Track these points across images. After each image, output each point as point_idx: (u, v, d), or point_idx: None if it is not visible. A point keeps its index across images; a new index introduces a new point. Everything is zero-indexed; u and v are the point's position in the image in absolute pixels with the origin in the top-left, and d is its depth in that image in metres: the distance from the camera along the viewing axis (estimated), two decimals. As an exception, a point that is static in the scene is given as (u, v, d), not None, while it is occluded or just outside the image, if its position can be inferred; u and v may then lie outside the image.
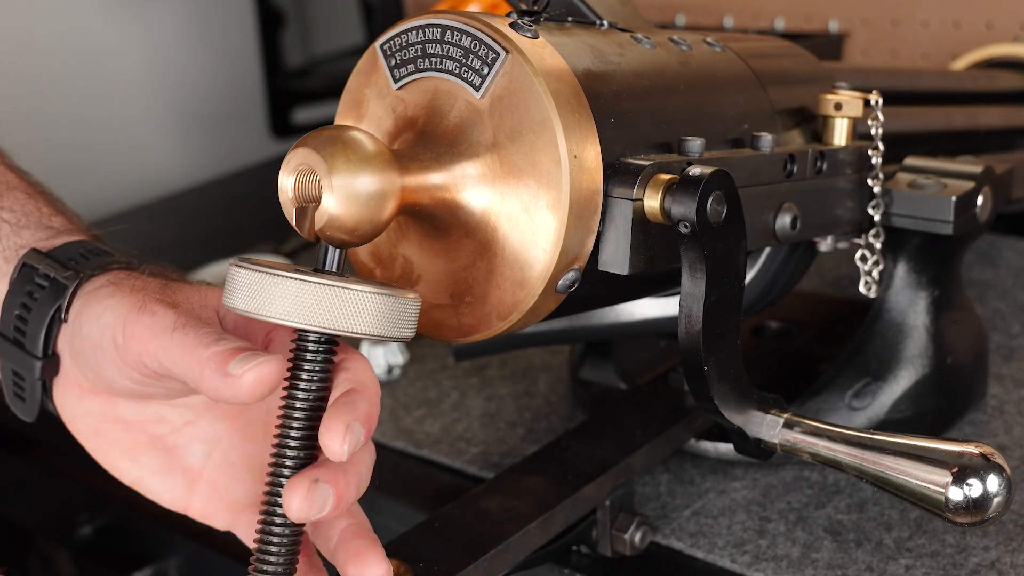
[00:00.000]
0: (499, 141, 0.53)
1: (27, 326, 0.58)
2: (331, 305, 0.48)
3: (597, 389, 0.81)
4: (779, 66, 0.70)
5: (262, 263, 0.50)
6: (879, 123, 0.68)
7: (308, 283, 0.48)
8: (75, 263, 0.59)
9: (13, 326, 0.59)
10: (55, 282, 0.58)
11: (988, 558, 0.65)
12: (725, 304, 0.55)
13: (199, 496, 0.59)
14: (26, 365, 0.59)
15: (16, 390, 0.60)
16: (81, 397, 0.59)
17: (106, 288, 0.56)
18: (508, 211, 0.53)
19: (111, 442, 0.59)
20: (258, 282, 0.49)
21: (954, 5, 1.19)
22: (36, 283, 0.58)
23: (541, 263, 0.52)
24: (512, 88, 0.52)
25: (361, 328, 0.49)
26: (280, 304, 0.48)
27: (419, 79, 0.55)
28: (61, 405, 0.60)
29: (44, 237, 0.61)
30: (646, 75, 0.58)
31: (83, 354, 0.56)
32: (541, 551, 0.63)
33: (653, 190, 0.54)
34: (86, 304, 0.56)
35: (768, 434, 0.58)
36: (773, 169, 0.62)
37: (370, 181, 0.49)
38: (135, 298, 0.54)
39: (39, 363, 0.58)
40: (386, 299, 0.49)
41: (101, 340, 0.54)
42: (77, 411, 0.59)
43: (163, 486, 0.59)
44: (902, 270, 0.73)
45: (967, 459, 0.53)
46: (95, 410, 0.59)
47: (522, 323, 0.55)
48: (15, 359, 0.59)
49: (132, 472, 0.59)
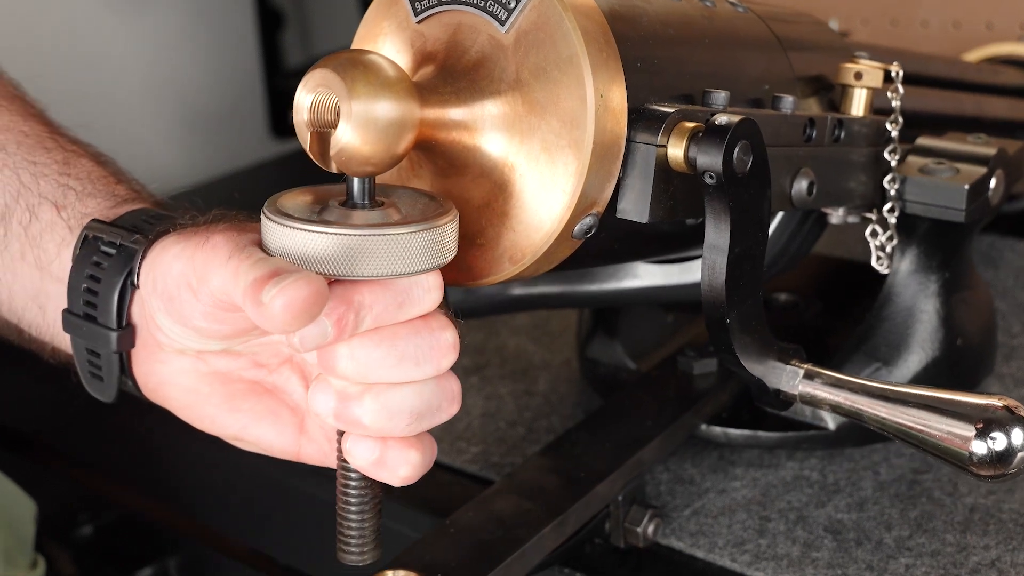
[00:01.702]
0: (522, 78, 0.51)
1: (98, 298, 0.55)
2: (363, 254, 0.46)
3: (604, 368, 0.80)
4: (800, 32, 0.69)
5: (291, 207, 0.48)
6: (899, 95, 0.67)
7: (339, 235, 0.46)
8: (140, 229, 0.56)
9: (83, 300, 0.56)
10: (123, 248, 0.55)
11: (988, 557, 0.65)
12: (748, 256, 0.54)
13: (308, 437, 0.57)
14: (101, 339, 0.56)
15: (92, 370, 0.58)
16: (167, 361, 0.56)
17: (172, 238, 0.53)
18: (528, 150, 0.51)
19: (207, 397, 0.56)
20: (283, 234, 0.47)
21: (954, 5, 1.19)
22: (102, 252, 0.56)
23: (560, 205, 0.50)
24: (539, 23, 0.50)
25: (401, 268, 0.47)
26: (315, 259, 0.46)
27: (441, 12, 0.53)
28: (147, 374, 0.57)
29: (109, 205, 0.59)
30: (672, 24, 0.57)
31: (165, 311, 0.53)
32: (554, 552, 0.62)
33: (678, 137, 0.52)
34: (156, 262, 0.53)
35: (788, 385, 0.57)
36: (793, 132, 0.61)
37: (390, 108, 0.47)
38: (199, 236, 0.51)
39: (115, 335, 0.55)
40: (421, 234, 0.47)
41: (178, 291, 0.51)
42: (167, 375, 0.56)
43: (271, 431, 0.57)
44: (912, 254, 0.72)
45: (992, 412, 0.52)
46: (187, 368, 0.56)
47: (534, 268, 0.53)
48: (89, 335, 0.56)
49: (235, 423, 0.56)
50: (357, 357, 0.49)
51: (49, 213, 0.59)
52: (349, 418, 0.50)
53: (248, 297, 0.46)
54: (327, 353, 0.49)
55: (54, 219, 0.59)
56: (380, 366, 0.49)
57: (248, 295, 0.46)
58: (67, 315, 0.57)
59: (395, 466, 0.51)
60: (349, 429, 0.51)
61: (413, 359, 0.49)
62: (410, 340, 0.49)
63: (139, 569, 0.90)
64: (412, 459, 0.51)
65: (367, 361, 0.49)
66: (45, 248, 0.59)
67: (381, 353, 0.49)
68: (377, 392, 0.49)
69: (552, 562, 0.63)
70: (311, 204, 0.49)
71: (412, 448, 0.51)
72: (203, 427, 0.57)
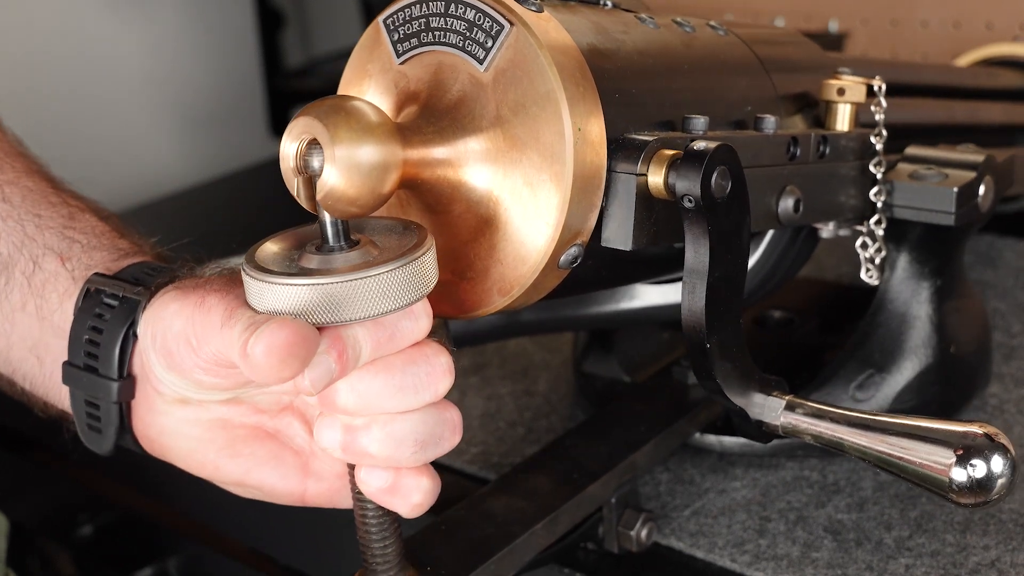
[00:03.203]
0: (502, 114, 0.52)
1: (99, 349, 0.56)
2: (346, 299, 0.47)
3: (600, 382, 0.81)
4: (782, 52, 0.70)
5: (269, 259, 0.50)
6: (882, 109, 0.68)
7: (320, 285, 0.47)
8: (141, 281, 0.57)
9: (84, 351, 0.57)
10: (125, 299, 0.56)
11: (988, 557, 0.65)
12: (728, 281, 0.55)
13: (316, 477, 0.58)
14: (102, 389, 0.57)
15: (91, 422, 0.58)
16: (167, 411, 0.57)
17: (171, 294, 0.54)
18: (511, 185, 0.52)
19: (208, 443, 0.57)
20: (264, 290, 0.48)
21: (954, 5, 1.19)
22: (105, 304, 0.57)
23: (544, 237, 0.52)
24: (516, 61, 0.52)
25: (387, 307, 0.48)
26: (300, 311, 0.47)
27: (422, 53, 0.55)
28: (147, 425, 0.58)
29: (113, 258, 0.60)
30: (650, 54, 0.58)
31: (166, 365, 0.54)
32: (547, 551, 0.62)
33: (657, 165, 0.53)
34: (157, 316, 0.54)
35: (770, 416, 0.58)
36: (776, 151, 0.62)
37: (372, 151, 0.49)
38: (196, 295, 0.52)
39: (116, 385, 0.56)
40: (401, 270, 0.48)
41: (178, 347, 0.52)
42: (167, 424, 0.57)
43: (275, 474, 0.57)
44: (904, 260, 0.73)
45: (971, 439, 0.53)
46: (188, 416, 0.57)
47: (523, 299, 0.55)
48: (89, 386, 0.57)
49: (237, 468, 0.57)
50: (357, 390, 0.50)
51: (53, 264, 0.60)
52: (357, 449, 0.51)
53: (239, 355, 0.47)
54: (328, 390, 0.50)
55: (58, 270, 0.60)
56: (380, 396, 0.50)
57: (239, 353, 0.47)
58: (67, 367, 0.58)
59: (408, 493, 0.52)
60: (358, 461, 0.52)
61: (412, 387, 0.51)
62: (406, 368, 0.51)
63: (139, 569, 0.90)
64: (424, 486, 0.52)
65: (367, 392, 0.50)
66: (47, 298, 0.60)
67: (380, 383, 0.50)
68: (382, 422, 0.51)
69: (545, 561, 0.64)
70: (288, 252, 0.51)
71: (423, 475, 0.52)
72: (205, 474, 0.58)
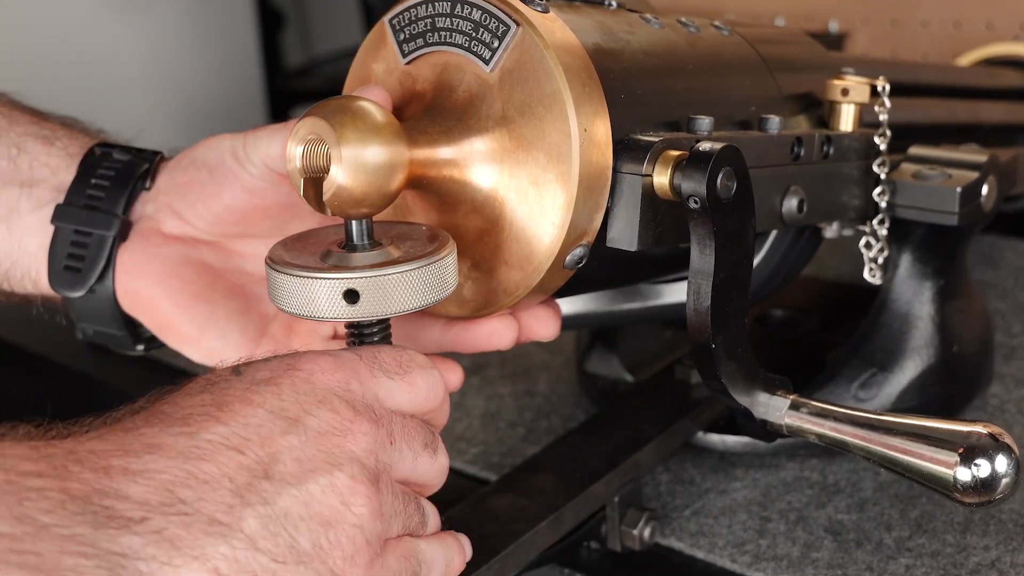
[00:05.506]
0: (508, 115, 0.52)
1: (106, 191, 0.59)
2: (373, 294, 0.48)
3: (603, 382, 0.81)
4: (786, 52, 0.70)
5: (297, 252, 0.51)
6: (885, 109, 0.68)
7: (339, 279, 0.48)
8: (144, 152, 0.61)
9: (87, 194, 0.60)
10: (140, 152, 0.60)
11: (988, 558, 0.65)
12: (734, 281, 0.55)
13: (268, 340, 0.60)
14: (102, 223, 0.59)
15: (70, 262, 0.60)
16: (160, 245, 0.59)
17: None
18: (516, 185, 0.52)
19: (186, 283, 0.59)
20: (291, 284, 0.49)
21: (954, 5, 1.20)
22: (115, 158, 0.60)
23: (549, 237, 0.52)
24: (522, 61, 0.52)
25: (410, 305, 0.49)
26: (323, 304, 0.49)
27: (428, 53, 0.55)
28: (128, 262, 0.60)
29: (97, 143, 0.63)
30: (655, 54, 0.58)
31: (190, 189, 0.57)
32: (550, 549, 0.62)
33: (663, 166, 0.53)
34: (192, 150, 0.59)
35: (774, 416, 0.58)
36: (780, 151, 0.62)
37: (379, 152, 0.49)
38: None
39: (118, 220, 0.59)
40: (422, 270, 0.49)
41: (221, 159, 0.57)
42: (151, 256, 0.59)
43: (236, 326, 0.60)
44: (907, 260, 0.73)
45: (975, 439, 0.53)
46: (175, 254, 0.59)
47: (529, 299, 0.55)
48: (87, 220, 0.59)
49: (202, 313, 0.59)
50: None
51: (37, 146, 0.62)
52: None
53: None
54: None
55: (48, 150, 0.62)
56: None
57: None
58: (61, 208, 0.60)
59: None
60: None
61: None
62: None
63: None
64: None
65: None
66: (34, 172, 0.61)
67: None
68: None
69: (549, 559, 0.64)
70: (312, 250, 0.51)
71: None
72: (167, 321, 0.60)
